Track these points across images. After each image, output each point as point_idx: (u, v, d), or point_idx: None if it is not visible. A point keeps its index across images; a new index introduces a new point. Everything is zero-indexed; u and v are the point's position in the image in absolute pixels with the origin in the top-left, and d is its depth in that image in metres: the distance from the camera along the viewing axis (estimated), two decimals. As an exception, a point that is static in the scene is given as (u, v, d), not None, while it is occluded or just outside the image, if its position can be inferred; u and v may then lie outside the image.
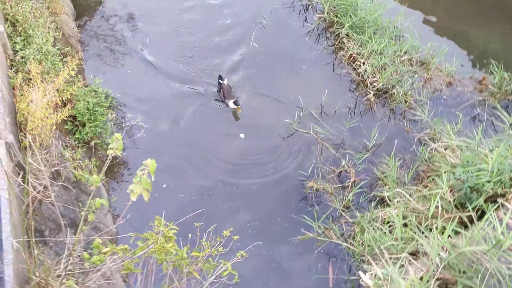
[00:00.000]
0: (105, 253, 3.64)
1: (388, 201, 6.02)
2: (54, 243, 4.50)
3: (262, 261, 5.69)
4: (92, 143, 5.93)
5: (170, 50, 8.10)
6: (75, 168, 5.41)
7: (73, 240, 3.74)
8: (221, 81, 7.42)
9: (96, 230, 5.39)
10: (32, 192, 3.68)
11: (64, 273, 3.70)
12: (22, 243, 3.25)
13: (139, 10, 8.80)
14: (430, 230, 4.79)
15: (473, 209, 5.01)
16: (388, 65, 7.70)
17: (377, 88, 7.64)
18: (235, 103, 7.16)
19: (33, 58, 5.10)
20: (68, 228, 4.95)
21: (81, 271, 3.84)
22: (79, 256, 3.83)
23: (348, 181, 6.50)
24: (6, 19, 5.45)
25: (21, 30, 5.47)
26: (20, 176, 3.89)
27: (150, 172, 3.33)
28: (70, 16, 7.83)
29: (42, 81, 4.90)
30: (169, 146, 6.75)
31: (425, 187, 6.07)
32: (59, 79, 5.08)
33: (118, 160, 6.33)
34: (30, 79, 4.86)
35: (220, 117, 7.28)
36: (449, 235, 4.38)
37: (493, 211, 4.22)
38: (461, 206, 5.35)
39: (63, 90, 5.36)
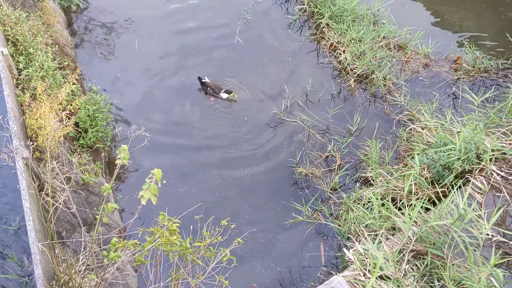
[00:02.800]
0: (117, 249, 4.16)
1: (371, 181, 6.57)
2: (71, 242, 5.03)
3: (259, 244, 6.24)
4: (95, 147, 6.41)
5: (158, 50, 8.49)
6: (82, 172, 5.91)
7: (91, 239, 4.27)
8: (203, 80, 7.76)
9: (107, 228, 5.93)
10: (51, 199, 4.18)
11: (83, 268, 4.24)
12: (47, 245, 3.76)
13: (127, 15, 9.18)
14: (410, 206, 5.33)
15: (445, 185, 5.56)
16: (367, 52, 8.15)
17: (358, 74, 8.11)
18: (227, 92, 7.57)
19: (37, 76, 5.54)
20: (83, 227, 5.53)
21: (98, 265, 4.39)
22: (95, 252, 4.37)
23: (334, 164, 7.03)
24: (7, 39, 5.87)
25: (22, 49, 5.89)
26: (36, 185, 4.39)
27: (157, 180, 3.83)
28: (63, 25, 8.22)
29: (48, 97, 5.35)
30: (166, 143, 7.22)
31: (405, 165, 6.61)
32: (62, 94, 5.54)
33: (125, 167, 6.82)
34: (36, 96, 5.31)
35: (213, 110, 7.72)
36: (421, 211, 4.93)
37: (457, 188, 4.75)
38: (437, 182, 5.90)
39: (67, 103, 5.81)
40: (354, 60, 8.18)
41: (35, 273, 3.82)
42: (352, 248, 4.81)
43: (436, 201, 5.17)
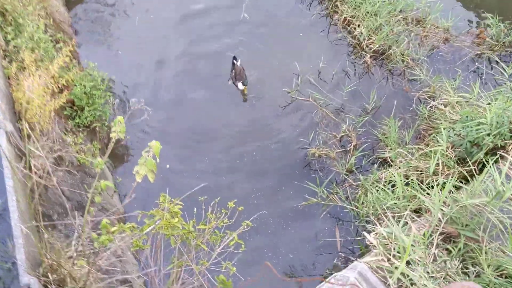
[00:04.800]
0: (113, 232, 3.71)
1: (390, 161, 6.07)
2: (64, 226, 4.60)
3: (269, 230, 5.78)
4: (92, 126, 5.97)
5: (162, 29, 8.01)
6: (77, 152, 5.46)
7: (81, 221, 3.82)
8: (234, 61, 7.25)
9: (104, 211, 5.49)
10: (34, 177, 3.73)
11: (75, 254, 3.80)
12: (31, 228, 3.32)
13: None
14: (432, 187, 4.83)
15: (474, 163, 5.04)
16: (383, 26, 7.60)
17: (374, 50, 7.57)
18: (243, 83, 7.05)
19: (26, 47, 5.09)
20: (76, 211, 5.09)
21: (92, 251, 3.94)
22: (88, 237, 3.92)
23: (349, 145, 6.54)
24: (-5, 9, 5.44)
25: (11, 20, 5.44)
26: (23, 163, 3.95)
27: (154, 154, 3.36)
28: (60, 1, 7.76)
29: (37, 69, 4.90)
30: (171, 127, 6.75)
31: (427, 145, 6.09)
32: (53, 67, 5.09)
33: (121, 142, 6.37)
34: (25, 68, 4.87)
35: (221, 92, 7.23)
36: (450, 191, 4.42)
37: (493, 163, 4.24)
38: (462, 161, 5.38)
39: (59, 77, 5.36)
40: (370, 34, 7.64)
41: (17, 258, 3.38)
42: (373, 231, 4.31)
43: (469, 178, 4.65)
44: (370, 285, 2.67)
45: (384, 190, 5.25)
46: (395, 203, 4.83)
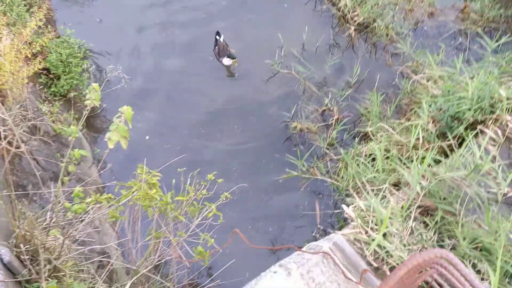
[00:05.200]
0: (88, 203, 3.64)
1: (371, 136, 6.05)
2: (39, 197, 4.50)
3: (249, 203, 5.76)
4: (69, 95, 5.81)
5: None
6: (53, 121, 5.32)
7: (55, 192, 3.73)
8: (217, 37, 6.99)
9: (81, 182, 5.39)
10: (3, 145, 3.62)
11: (49, 225, 3.71)
12: (1, 197, 3.23)
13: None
14: (412, 161, 4.83)
15: (454, 137, 5.05)
16: (368, -3, 7.49)
17: (358, 23, 7.47)
18: (229, 56, 6.81)
19: (-3, 10, 4.89)
20: (52, 182, 4.99)
21: (67, 222, 3.86)
22: (63, 207, 3.84)
23: (331, 119, 6.48)
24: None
25: (-20, -19, 5.21)
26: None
27: (127, 120, 3.27)
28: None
29: (9, 33, 4.71)
30: (151, 96, 6.61)
31: (408, 120, 6.07)
32: (26, 31, 4.90)
33: (98, 112, 6.22)
34: (-4, 32, 4.67)
35: (200, 63, 7.09)
36: (429, 164, 4.43)
37: (473, 138, 4.24)
38: (443, 136, 5.39)
39: (32, 42, 5.17)
40: (354, 6, 7.52)
41: (-12, 228, 3.29)
42: (352, 204, 4.31)
43: (448, 153, 4.65)
44: (345, 255, 2.66)
45: (364, 164, 5.24)
46: (375, 177, 4.83)
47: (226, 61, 6.86)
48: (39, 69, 5.27)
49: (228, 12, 7.66)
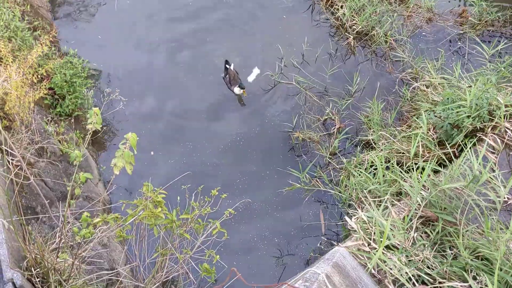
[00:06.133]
0: (95, 225, 3.73)
1: (373, 144, 6.12)
2: (48, 218, 4.60)
3: (254, 215, 5.83)
4: (74, 115, 5.92)
5: (141, 12, 7.88)
6: (59, 141, 5.44)
7: (63, 214, 3.82)
8: (227, 66, 6.98)
9: (89, 200, 5.49)
10: (20, 171, 3.73)
11: (58, 247, 3.81)
12: (12, 222, 3.33)
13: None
14: (413, 170, 4.90)
15: (453, 145, 5.11)
16: (366, 6, 7.57)
17: (357, 31, 7.55)
18: (240, 86, 6.74)
19: (2, 36, 5.00)
20: (60, 202, 5.09)
21: (75, 243, 3.96)
22: (71, 229, 3.94)
23: (333, 128, 6.57)
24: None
25: (-15, 8, 5.34)
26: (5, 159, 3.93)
27: (132, 146, 3.36)
28: (38, -14, 7.58)
29: (14, 59, 4.83)
30: (154, 114, 6.70)
31: (409, 127, 6.15)
32: (32, 56, 5.02)
33: (104, 129, 6.33)
34: (1, 58, 4.79)
35: (204, 76, 7.17)
36: (429, 174, 4.49)
37: (471, 147, 4.30)
38: (443, 143, 5.45)
39: (39, 66, 5.29)
40: (352, 15, 7.60)
41: (0, 253, 3.39)
42: (354, 216, 4.38)
43: (447, 162, 4.72)
44: (345, 275, 2.72)
45: (366, 174, 5.31)
46: (376, 187, 4.89)
47: (237, 90, 6.80)
48: (45, 93, 5.39)
49: (226, 25, 7.75)
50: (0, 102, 4.66)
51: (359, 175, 5.43)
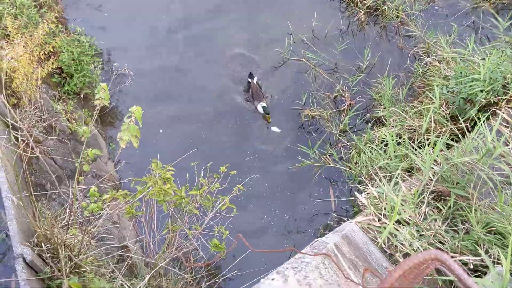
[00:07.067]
0: (105, 200, 3.73)
1: (384, 120, 6.03)
2: (57, 195, 4.61)
3: (264, 193, 5.81)
4: (83, 93, 5.90)
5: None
6: (68, 120, 5.43)
7: (77, 190, 3.82)
8: (250, 80, 6.60)
9: (98, 178, 5.50)
10: (21, 147, 3.71)
11: (69, 223, 3.82)
12: (21, 198, 3.33)
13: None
14: (424, 146, 4.82)
15: (466, 120, 5.01)
16: (377, -20, 7.39)
17: (368, 6, 7.40)
18: (264, 109, 6.31)
19: (8, 13, 4.96)
20: (70, 179, 5.10)
21: (85, 219, 3.97)
22: (80, 206, 3.94)
23: (343, 105, 6.48)
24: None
25: (-9, -15, 5.29)
26: (6, 133, 3.92)
27: (137, 119, 3.33)
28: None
29: (21, 36, 4.79)
30: (163, 91, 6.64)
31: (421, 103, 6.04)
32: (38, 33, 4.98)
33: (112, 107, 6.31)
34: (8, 35, 4.76)
35: (211, 56, 7.08)
36: (441, 149, 4.41)
37: (484, 121, 4.21)
38: (456, 118, 5.35)
39: (45, 43, 5.26)
40: (363, -11, 7.44)
41: (10, 229, 3.40)
42: (364, 191, 4.33)
43: (460, 137, 4.63)
44: (355, 247, 2.69)
45: (376, 150, 5.24)
46: (387, 163, 4.83)
47: (260, 108, 6.38)
48: (53, 69, 5.36)
49: (235, 1, 7.62)
50: (8, 79, 4.64)
51: (370, 151, 5.37)
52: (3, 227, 4.15)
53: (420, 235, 3.75)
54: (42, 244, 3.54)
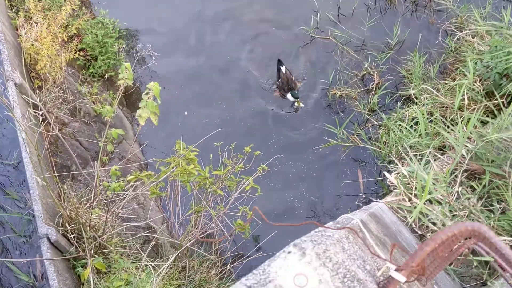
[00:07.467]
0: (129, 181, 3.70)
1: (414, 99, 5.82)
2: (83, 177, 4.63)
3: (290, 174, 5.71)
4: (107, 75, 5.89)
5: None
6: (93, 102, 5.43)
7: (99, 171, 3.81)
8: (280, 67, 6.26)
9: (124, 160, 5.50)
10: (45, 129, 3.72)
11: (93, 203, 3.82)
12: (45, 179, 3.33)
13: None
14: (457, 123, 4.61)
15: (502, 96, 4.76)
16: (407, -48, 7.09)
17: (397, -19, 7.12)
18: (292, 95, 6.07)
19: (31, -5, 4.96)
20: (95, 161, 5.12)
21: (110, 200, 3.96)
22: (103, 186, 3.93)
23: (372, 83, 6.28)
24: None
25: (15, -32, 5.29)
26: (34, 115, 3.93)
27: (155, 95, 3.27)
28: None
29: (44, 18, 4.79)
30: (188, 72, 6.56)
31: (453, 80, 5.79)
32: (61, 14, 4.97)
33: (136, 89, 6.28)
34: (31, 17, 4.76)
35: (238, 33, 6.95)
36: (476, 126, 4.21)
37: (522, 95, 3.98)
38: (491, 95, 5.10)
39: (68, 25, 5.24)
40: (392, -37, 7.15)
41: (35, 209, 3.42)
42: (394, 171, 4.18)
43: (496, 113, 4.40)
44: (383, 225, 2.56)
45: (407, 128, 5.05)
46: (418, 141, 4.65)
47: (290, 96, 6.14)
48: (77, 51, 5.35)
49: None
50: (33, 62, 4.65)
51: (400, 130, 5.18)
52: (28, 208, 4.21)
53: (453, 215, 3.59)
54: (67, 224, 3.55)
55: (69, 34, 5.09)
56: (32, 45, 4.45)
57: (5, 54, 4.09)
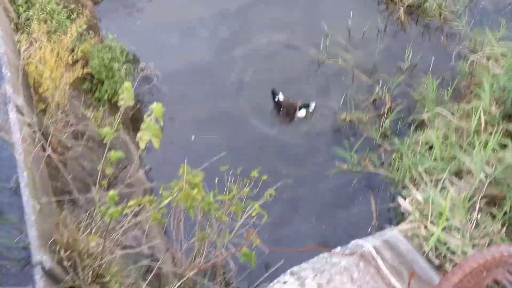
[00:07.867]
0: (129, 206, 3.54)
1: (428, 123, 5.63)
2: (84, 203, 4.48)
3: (299, 200, 5.51)
4: (114, 100, 5.80)
5: None
6: (99, 126, 5.33)
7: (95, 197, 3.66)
8: (277, 97, 6.20)
9: (130, 186, 5.35)
10: (47, 152, 3.60)
11: (91, 229, 3.66)
12: (41, 204, 3.19)
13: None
14: (474, 147, 4.41)
15: (521, 118, 4.57)
16: (417, -24, 7.03)
17: (408, 4, 7.03)
18: (304, 106, 6.09)
19: (37, 18, 4.94)
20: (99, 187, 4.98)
21: (110, 227, 3.79)
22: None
23: (383, 108, 6.12)
24: (4, -18, 5.28)
25: (23, -8, 5.30)
26: (35, 138, 3.82)
27: (157, 117, 3.13)
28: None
29: (49, 41, 4.74)
30: (194, 94, 6.49)
31: (468, 103, 5.61)
32: (67, 37, 4.93)
33: (143, 113, 6.18)
34: (36, 40, 4.72)
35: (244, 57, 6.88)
36: (494, 149, 4.00)
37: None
38: (508, 118, 4.90)
39: (74, 48, 5.21)
40: (403, -13, 7.10)
41: (29, 235, 3.26)
42: (408, 197, 3.97)
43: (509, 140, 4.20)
44: (398, 254, 2.36)
45: (421, 153, 4.85)
46: (433, 166, 4.44)
47: (302, 112, 6.13)
48: (83, 75, 5.30)
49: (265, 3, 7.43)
50: (36, 85, 4.58)
51: (413, 155, 4.98)
52: (24, 233, 4.04)
53: (473, 245, 3.35)
54: (63, 251, 3.38)
55: (74, 57, 5.03)
56: (36, 67, 4.39)
57: (8, 76, 4.01)
